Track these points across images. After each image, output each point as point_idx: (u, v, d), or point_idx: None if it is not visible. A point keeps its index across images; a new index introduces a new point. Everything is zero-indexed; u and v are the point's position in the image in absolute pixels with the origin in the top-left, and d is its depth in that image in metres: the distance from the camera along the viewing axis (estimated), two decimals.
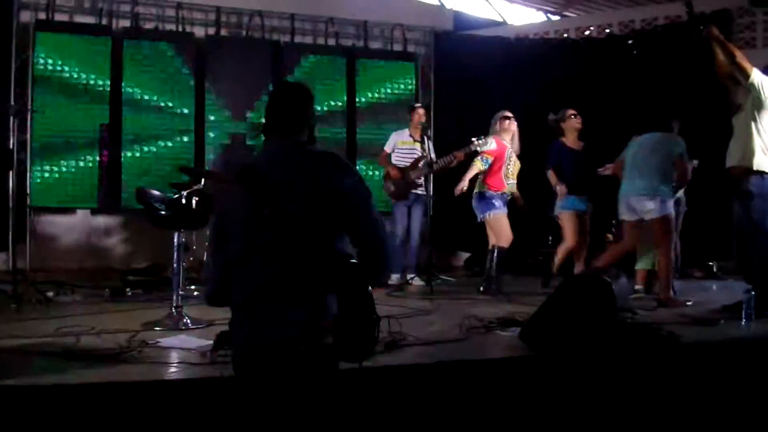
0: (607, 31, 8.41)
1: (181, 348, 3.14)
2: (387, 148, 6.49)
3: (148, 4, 7.66)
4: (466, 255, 8.46)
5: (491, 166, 5.47)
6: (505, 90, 8.28)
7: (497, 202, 5.41)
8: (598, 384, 3.07)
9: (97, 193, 7.25)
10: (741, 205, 4.52)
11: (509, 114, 5.71)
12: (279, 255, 1.97)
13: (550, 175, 5.68)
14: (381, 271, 2.13)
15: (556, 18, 10.55)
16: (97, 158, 7.24)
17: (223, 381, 2.53)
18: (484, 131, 5.70)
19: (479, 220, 5.54)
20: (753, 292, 4.25)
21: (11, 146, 4.61)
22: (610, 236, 6.38)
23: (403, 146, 6.37)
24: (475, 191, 5.55)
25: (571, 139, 5.79)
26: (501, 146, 5.49)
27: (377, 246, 2.08)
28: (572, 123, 5.76)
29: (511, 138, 5.63)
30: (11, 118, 4.55)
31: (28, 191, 7.07)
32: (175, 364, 2.86)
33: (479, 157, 5.48)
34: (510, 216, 5.55)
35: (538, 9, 10.83)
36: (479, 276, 6.43)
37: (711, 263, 7.20)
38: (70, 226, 7.40)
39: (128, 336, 3.38)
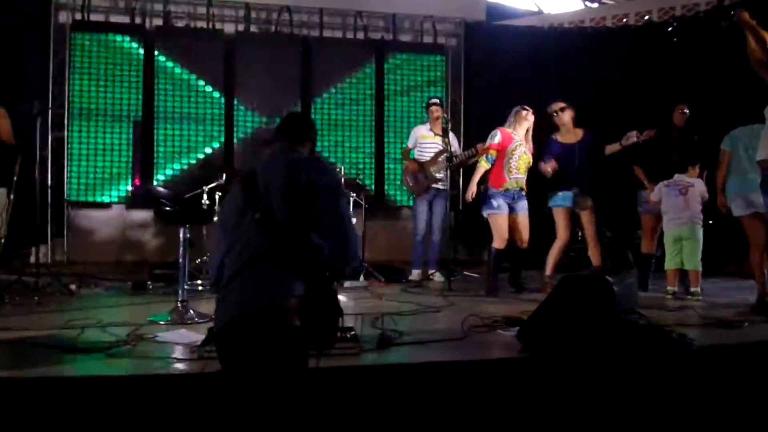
0: (646, 18, 8.06)
1: (176, 343, 3.17)
2: (409, 144, 6.43)
3: (179, 2, 7.80)
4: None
5: (497, 158, 5.32)
6: (538, 81, 8.09)
7: (495, 202, 5.23)
8: (596, 386, 2.95)
9: (130, 188, 7.47)
10: None
11: (528, 108, 5.51)
12: (255, 242, 2.15)
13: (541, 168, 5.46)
14: (341, 262, 2.21)
15: (594, 6, 10.20)
16: (131, 155, 7.44)
17: (202, 377, 2.54)
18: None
19: (484, 216, 5.41)
20: None
21: (36, 144, 4.70)
22: None
23: (424, 140, 6.29)
24: (482, 187, 5.42)
25: (563, 133, 5.53)
26: (506, 139, 5.31)
27: (339, 238, 2.19)
28: (559, 118, 5.49)
29: (526, 132, 5.43)
30: (37, 119, 4.63)
31: (65, 187, 7.33)
32: (162, 359, 2.88)
33: (484, 156, 5.32)
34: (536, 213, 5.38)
35: None
36: (507, 272, 6.33)
37: None
38: (106, 221, 7.62)
39: (131, 330, 3.43)
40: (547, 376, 2.97)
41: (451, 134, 6.08)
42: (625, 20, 8.20)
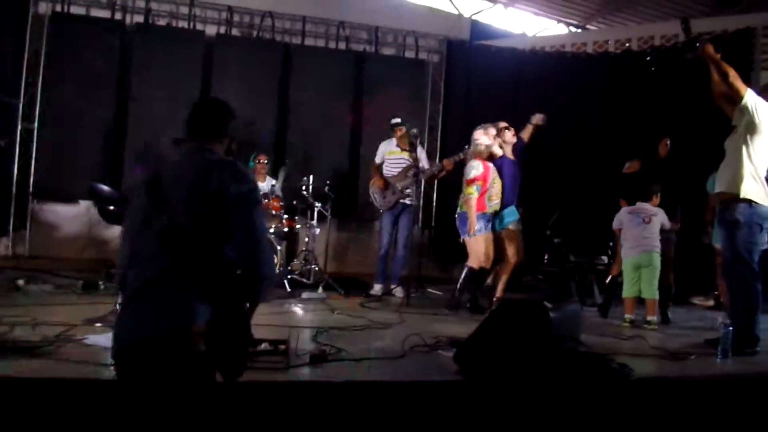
0: (627, 45, 8.10)
1: (102, 346, 3.08)
2: (377, 159, 6.38)
3: (161, 0, 7.75)
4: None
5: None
6: (516, 102, 8.11)
7: (478, 224, 5.21)
8: (527, 412, 2.89)
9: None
10: (727, 233, 4.25)
11: (504, 124, 5.56)
12: (159, 260, 2.00)
13: None
14: (253, 278, 2.06)
15: (578, 31, 10.27)
16: (101, 149, 7.34)
17: (108, 384, 2.47)
18: None
19: (461, 240, 5.36)
20: (731, 328, 3.99)
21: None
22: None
23: (392, 156, 6.25)
24: (459, 211, 5.38)
25: (508, 151, 5.57)
26: (486, 168, 5.27)
27: (250, 251, 2.06)
28: (503, 136, 5.55)
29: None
30: None
31: (31, 179, 7.21)
32: (78, 362, 2.80)
33: (473, 186, 5.23)
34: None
35: (559, 21, 10.55)
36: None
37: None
38: (72, 216, 7.50)
39: (62, 330, 3.35)
40: (479, 400, 2.92)
41: (419, 149, 6.06)
42: (605, 47, 8.22)
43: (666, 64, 7.34)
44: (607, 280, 5.75)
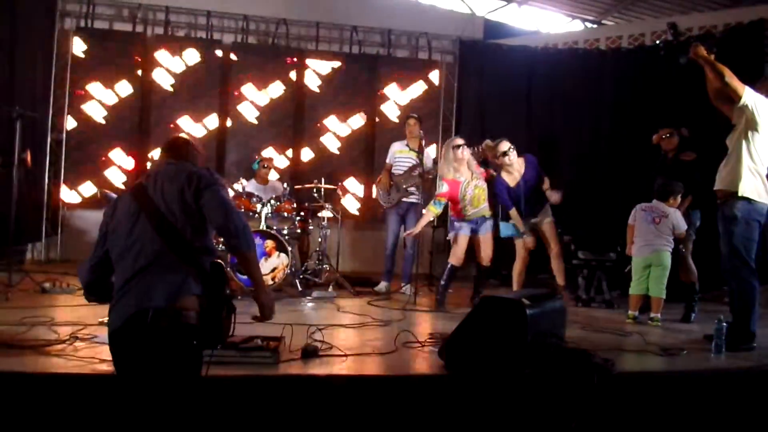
0: (640, 40, 8.07)
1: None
2: (387, 160, 6.53)
3: (180, 12, 8.04)
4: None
5: (450, 202, 5.38)
6: (529, 100, 8.17)
7: (457, 224, 5.37)
8: (508, 405, 3.01)
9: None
10: (725, 230, 4.27)
11: (459, 141, 5.43)
12: (152, 245, 2.29)
13: None
14: (230, 237, 2.34)
15: (593, 27, 10.22)
16: (127, 157, 7.68)
17: (109, 379, 2.67)
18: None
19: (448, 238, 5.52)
20: (725, 323, 4.02)
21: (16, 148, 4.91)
22: None
23: (401, 155, 6.40)
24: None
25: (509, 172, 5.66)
26: (453, 187, 5.31)
27: (222, 216, 2.34)
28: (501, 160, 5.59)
29: (467, 165, 5.40)
30: (17, 122, 4.86)
31: (61, 187, 7.59)
32: (84, 359, 3.02)
33: (433, 202, 5.34)
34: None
35: (573, 18, 10.50)
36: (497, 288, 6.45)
37: None
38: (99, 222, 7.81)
39: (75, 330, 3.59)
40: (462, 393, 3.04)
41: (426, 150, 6.19)
42: (618, 43, 8.19)
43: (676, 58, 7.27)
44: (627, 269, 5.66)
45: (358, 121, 8.19)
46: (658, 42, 7.65)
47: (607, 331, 4.61)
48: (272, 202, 5.92)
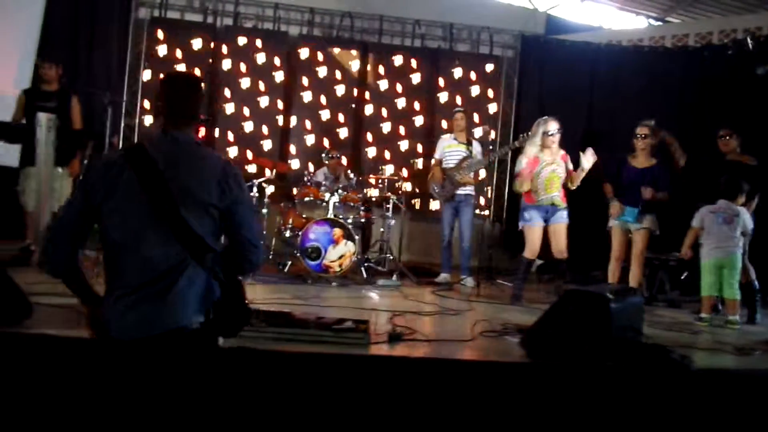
0: (708, 39, 7.97)
1: None
2: (436, 155, 6.61)
3: (248, 4, 8.27)
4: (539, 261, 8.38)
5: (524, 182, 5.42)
6: (591, 97, 8.16)
7: (527, 214, 5.36)
8: (589, 397, 3.11)
9: None
10: None
11: (552, 129, 5.38)
12: (174, 249, 2.09)
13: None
14: (249, 266, 2.31)
15: (657, 24, 10.09)
16: None
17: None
18: (565, 137, 5.55)
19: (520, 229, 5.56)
20: None
21: (107, 131, 5.18)
22: None
23: (450, 149, 6.47)
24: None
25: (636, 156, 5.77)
26: (532, 164, 5.37)
27: (249, 247, 2.25)
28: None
29: (551, 150, 5.42)
30: (108, 108, 5.13)
31: None
32: None
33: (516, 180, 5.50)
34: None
35: (637, 14, 10.38)
36: (547, 283, 6.49)
37: None
38: None
39: None
40: (546, 382, 3.15)
41: (475, 143, 6.30)
42: (685, 41, 8.10)
43: (746, 58, 7.16)
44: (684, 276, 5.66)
45: (418, 113, 8.32)
46: (748, 38, 7.36)
47: (673, 330, 4.64)
48: (339, 191, 6.09)
